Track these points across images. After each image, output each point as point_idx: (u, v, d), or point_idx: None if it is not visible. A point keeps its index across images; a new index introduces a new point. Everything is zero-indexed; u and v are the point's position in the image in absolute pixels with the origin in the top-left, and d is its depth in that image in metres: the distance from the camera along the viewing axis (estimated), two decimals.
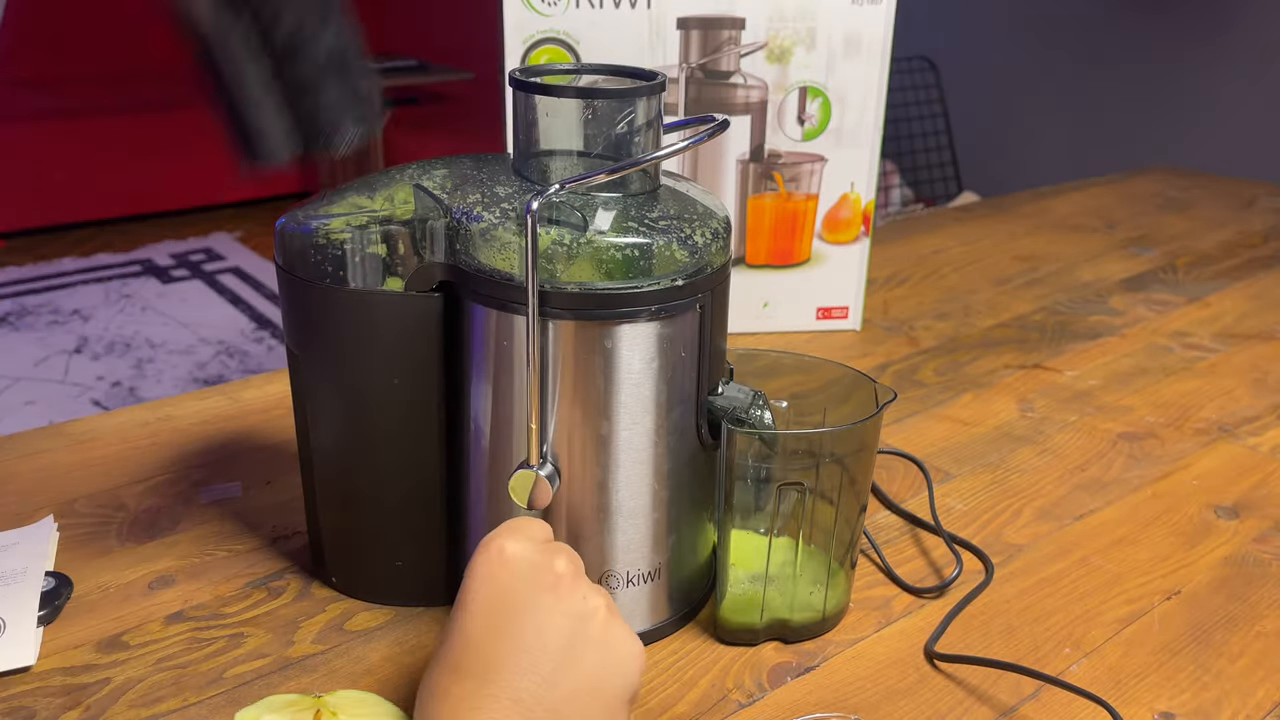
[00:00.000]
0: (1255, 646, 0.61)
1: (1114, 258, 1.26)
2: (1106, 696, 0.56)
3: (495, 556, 0.47)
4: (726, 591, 0.59)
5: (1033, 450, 0.81)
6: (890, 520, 0.72)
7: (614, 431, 0.54)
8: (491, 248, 0.52)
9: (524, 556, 0.47)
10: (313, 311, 0.56)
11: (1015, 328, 1.04)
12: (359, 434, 0.59)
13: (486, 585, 0.47)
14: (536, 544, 0.48)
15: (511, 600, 0.46)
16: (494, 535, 0.49)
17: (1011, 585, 0.65)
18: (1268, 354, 0.99)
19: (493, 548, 0.48)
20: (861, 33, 0.92)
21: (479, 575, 0.47)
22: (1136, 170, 1.68)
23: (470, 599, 0.47)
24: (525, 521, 0.50)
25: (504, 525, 0.50)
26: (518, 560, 0.47)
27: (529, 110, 0.54)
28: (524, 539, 0.48)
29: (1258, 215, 1.44)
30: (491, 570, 0.47)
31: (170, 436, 0.79)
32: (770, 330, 1.01)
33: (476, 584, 0.47)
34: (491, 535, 0.49)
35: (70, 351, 2.83)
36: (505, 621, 0.46)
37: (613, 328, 0.53)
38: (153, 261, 3.55)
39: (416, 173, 0.57)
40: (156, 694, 0.55)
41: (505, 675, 0.44)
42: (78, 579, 0.64)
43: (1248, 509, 0.74)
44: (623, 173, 0.53)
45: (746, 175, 0.96)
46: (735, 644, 0.60)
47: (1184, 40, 2.87)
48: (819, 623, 0.60)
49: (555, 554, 0.48)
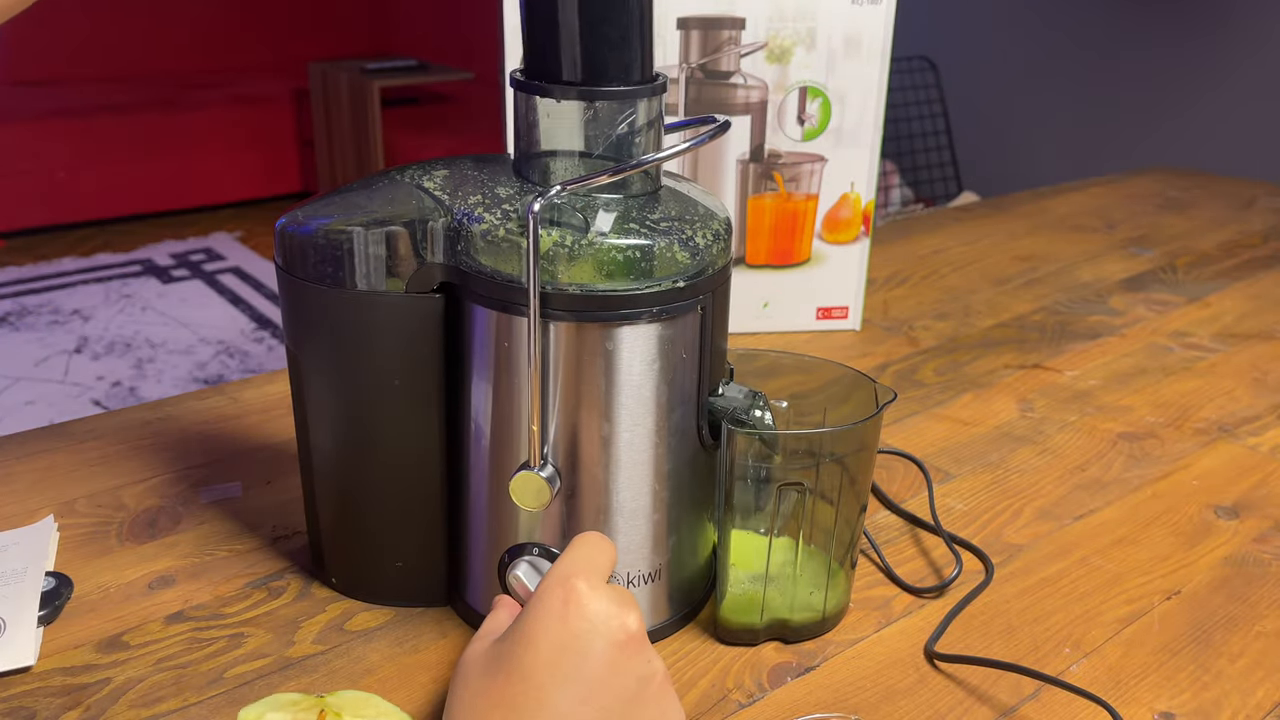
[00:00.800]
0: (1255, 646, 0.61)
1: (1114, 258, 1.26)
2: (1106, 696, 0.56)
3: (571, 597, 0.45)
4: (726, 591, 0.59)
5: (1033, 450, 0.81)
6: (890, 520, 0.72)
7: (615, 432, 0.55)
8: (492, 249, 0.52)
9: (601, 605, 0.45)
10: (313, 312, 0.56)
11: (1015, 328, 1.04)
12: (359, 434, 0.59)
13: (558, 625, 0.44)
14: (612, 593, 0.46)
15: (583, 647, 0.44)
16: (571, 571, 0.46)
17: (1011, 585, 0.66)
18: (1268, 354, 1.00)
19: (570, 585, 0.45)
20: (861, 33, 0.92)
21: (552, 613, 0.44)
22: (1136, 170, 1.68)
23: (538, 635, 0.44)
24: (598, 554, 0.48)
25: (578, 559, 0.47)
26: (594, 607, 0.45)
27: (530, 111, 0.54)
28: (599, 581, 0.46)
29: (1258, 215, 1.44)
30: (566, 610, 0.44)
31: (170, 436, 0.79)
32: (770, 330, 1.01)
33: (547, 621, 0.44)
34: (567, 570, 0.46)
35: (70, 351, 2.83)
36: (574, 670, 0.44)
37: (614, 329, 0.53)
38: (153, 261, 3.56)
39: (417, 173, 0.57)
40: (157, 694, 0.55)
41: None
42: (78, 579, 0.64)
43: (1248, 509, 0.74)
44: (624, 174, 0.53)
45: (746, 175, 0.96)
46: (735, 644, 0.60)
47: (1184, 40, 2.87)
48: (819, 623, 0.60)
49: (629, 609, 0.46)
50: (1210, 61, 2.82)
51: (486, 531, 0.58)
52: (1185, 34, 2.87)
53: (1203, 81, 2.85)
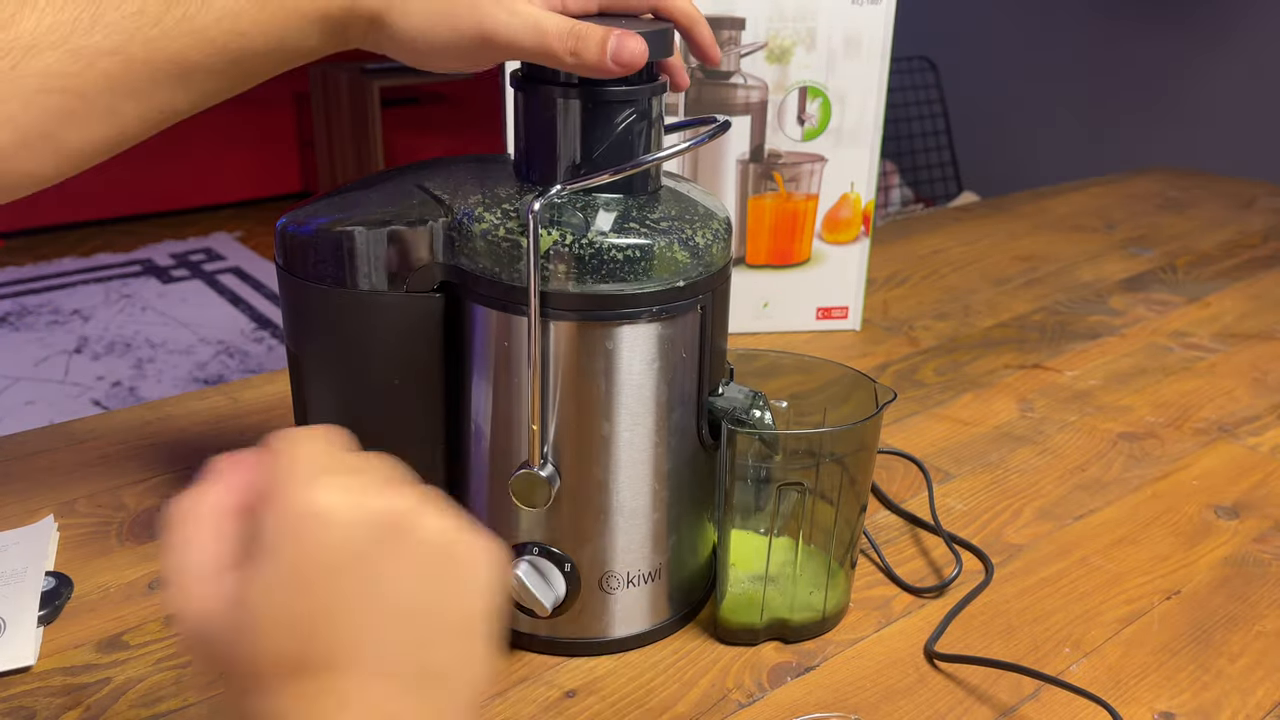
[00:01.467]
0: (1255, 646, 0.61)
1: (1114, 258, 1.26)
2: (1106, 696, 0.56)
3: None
4: (726, 591, 0.59)
5: (1033, 450, 0.81)
6: (890, 520, 0.72)
7: (615, 432, 0.55)
8: (493, 249, 0.52)
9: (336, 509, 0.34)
10: (313, 312, 0.56)
11: (1015, 328, 1.04)
12: (359, 434, 0.58)
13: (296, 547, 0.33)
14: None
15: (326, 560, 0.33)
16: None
17: (1011, 585, 0.66)
18: (1268, 354, 0.99)
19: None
20: (861, 33, 0.92)
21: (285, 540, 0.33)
22: (1136, 170, 1.68)
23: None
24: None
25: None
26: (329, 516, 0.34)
27: (530, 111, 0.54)
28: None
29: (1258, 215, 1.44)
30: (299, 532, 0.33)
31: (170, 436, 0.79)
32: (770, 330, 1.01)
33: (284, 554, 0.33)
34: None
35: (70, 351, 2.83)
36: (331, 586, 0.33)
37: (614, 329, 0.53)
38: (153, 261, 3.55)
39: (417, 173, 0.57)
40: (157, 694, 0.55)
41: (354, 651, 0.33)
42: (78, 579, 0.64)
43: (1248, 509, 0.74)
44: (624, 174, 0.53)
45: (746, 175, 0.96)
46: (735, 644, 0.60)
47: (1184, 40, 2.87)
48: (819, 623, 0.60)
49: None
50: (1210, 61, 2.82)
51: (486, 531, 0.58)
52: (1186, 34, 2.87)
53: (1203, 81, 2.85)
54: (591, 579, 0.57)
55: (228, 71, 0.49)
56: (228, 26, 0.48)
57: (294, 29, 0.49)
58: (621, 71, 0.48)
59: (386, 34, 0.50)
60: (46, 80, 0.46)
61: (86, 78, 0.47)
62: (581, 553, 0.56)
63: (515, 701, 0.55)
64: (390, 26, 0.49)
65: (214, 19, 0.47)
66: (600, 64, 0.48)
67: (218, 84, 0.50)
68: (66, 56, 0.46)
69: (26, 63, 0.46)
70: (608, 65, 0.48)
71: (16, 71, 0.45)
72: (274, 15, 0.48)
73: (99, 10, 0.46)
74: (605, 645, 0.59)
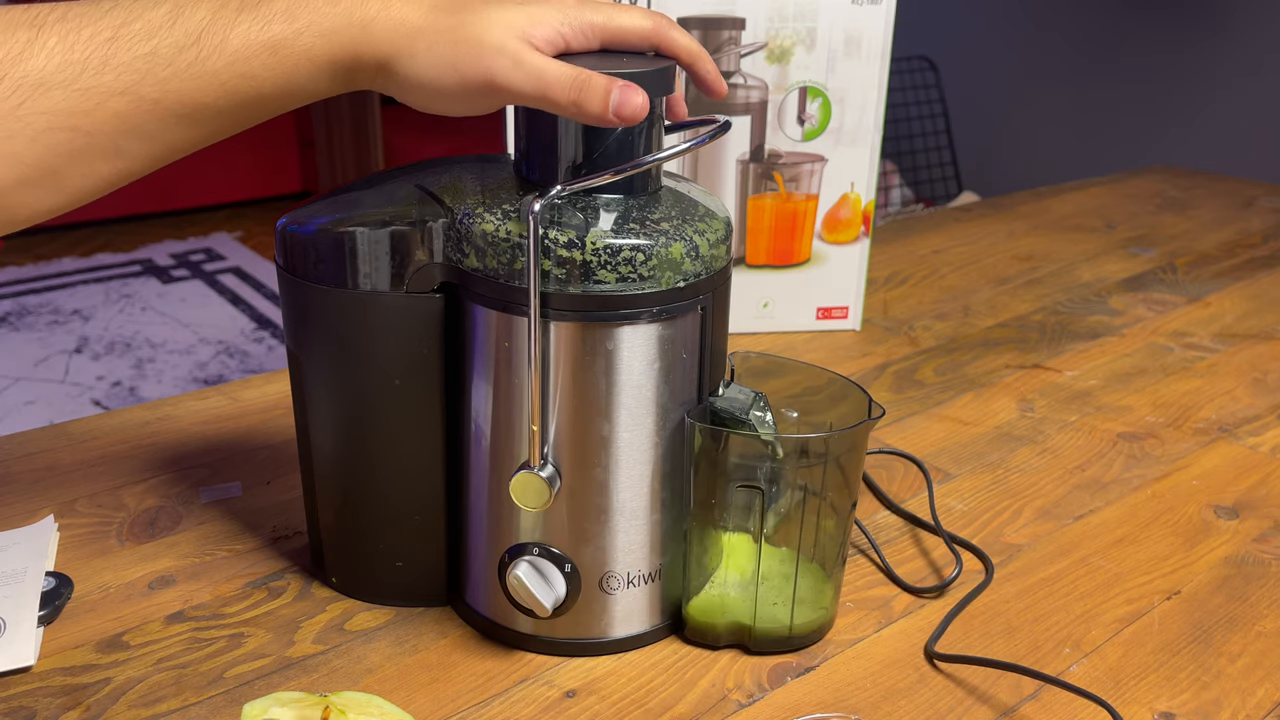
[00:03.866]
0: (1255, 646, 0.61)
1: (1114, 257, 1.26)
2: (1106, 696, 0.56)
3: None
4: (696, 592, 0.58)
5: (1033, 450, 0.81)
6: (890, 520, 0.72)
7: (615, 433, 0.55)
8: (493, 249, 0.52)
9: None
10: (313, 311, 0.56)
11: (1015, 328, 1.04)
12: (359, 434, 0.59)
13: None
14: None
15: None
16: None
17: (1011, 585, 0.66)
18: (1268, 354, 1.00)
19: None
20: (861, 33, 0.92)
21: None
22: (1136, 170, 1.68)
23: None
24: None
25: None
26: None
27: (530, 111, 0.54)
28: None
29: (1258, 215, 1.44)
30: None
31: (170, 436, 0.79)
32: (770, 330, 1.01)
33: None
34: None
35: (70, 351, 2.83)
36: None
37: (614, 329, 0.53)
38: (153, 261, 3.55)
39: (417, 173, 0.57)
40: (157, 694, 0.55)
41: None
42: (78, 579, 0.64)
43: (1248, 509, 0.74)
44: (624, 174, 0.53)
45: (746, 175, 0.96)
46: (703, 646, 0.59)
47: (1184, 40, 2.87)
48: (785, 638, 0.59)
49: None
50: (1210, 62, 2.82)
51: (486, 531, 0.58)
52: (1185, 34, 2.87)
53: (1203, 81, 2.85)
54: (591, 579, 0.57)
55: (235, 113, 0.50)
56: (240, 70, 0.48)
57: (304, 74, 0.49)
58: (622, 124, 0.49)
59: (394, 80, 0.50)
60: (54, 118, 0.46)
61: (95, 117, 0.47)
62: (581, 553, 0.56)
63: (515, 701, 0.55)
64: (398, 73, 0.50)
65: (226, 63, 0.48)
66: (603, 116, 0.49)
67: (224, 123, 0.50)
68: (76, 95, 0.46)
69: (34, 100, 0.46)
70: (609, 118, 0.49)
71: (24, 109, 0.45)
72: (284, 60, 0.48)
73: (111, 51, 0.46)
74: (605, 645, 0.59)
